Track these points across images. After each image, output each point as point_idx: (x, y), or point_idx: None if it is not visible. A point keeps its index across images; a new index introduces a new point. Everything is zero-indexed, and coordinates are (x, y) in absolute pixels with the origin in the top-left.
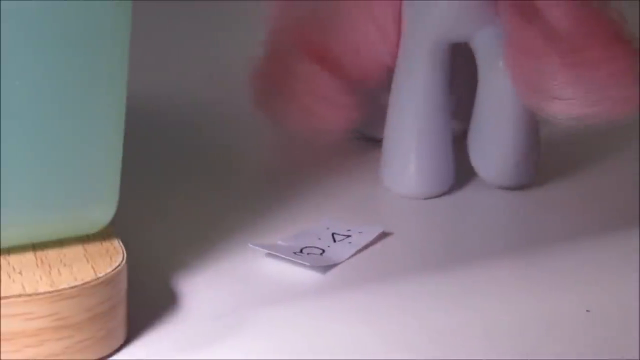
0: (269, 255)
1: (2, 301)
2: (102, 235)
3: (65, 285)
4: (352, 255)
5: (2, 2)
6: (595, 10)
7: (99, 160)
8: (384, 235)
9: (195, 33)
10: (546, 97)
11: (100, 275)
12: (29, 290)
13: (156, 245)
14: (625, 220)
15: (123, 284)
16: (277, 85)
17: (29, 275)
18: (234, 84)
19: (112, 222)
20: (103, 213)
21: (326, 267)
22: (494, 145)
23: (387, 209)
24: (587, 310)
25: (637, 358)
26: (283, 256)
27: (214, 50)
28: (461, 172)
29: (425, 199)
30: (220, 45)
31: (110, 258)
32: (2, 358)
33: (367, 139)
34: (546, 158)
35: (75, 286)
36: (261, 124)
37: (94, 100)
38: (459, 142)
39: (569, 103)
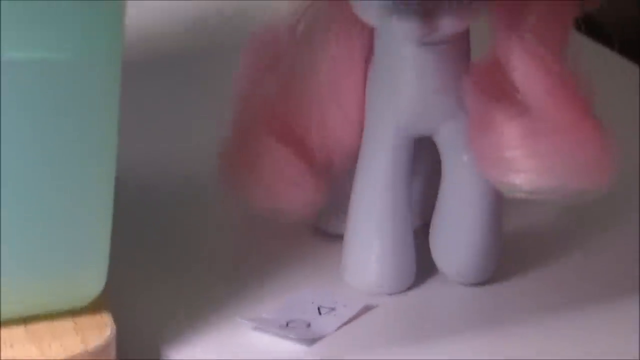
0: (256, 328)
1: None
2: (92, 307)
3: (55, 358)
4: (338, 328)
5: None
6: (564, 81)
7: (88, 235)
8: (368, 308)
9: (177, 105)
10: (510, 169)
11: (90, 347)
12: None
13: (146, 317)
14: (588, 312)
15: (112, 356)
16: (243, 163)
17: (20, 348)
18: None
19: (102, 294)
20: (92, 287)
21: (312, 340)
22: (457, 242)
23: None
24: None
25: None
26: (270, 330)
27: (193, 127)
28: (422, 266)
29: (389, 294)
30: (197, 121)
31: (99, 330)
32: None
33: (330, 235)
34: (507, 251)
35: (65, 359)
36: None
37: (84, 177)
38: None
39: (534, 174)
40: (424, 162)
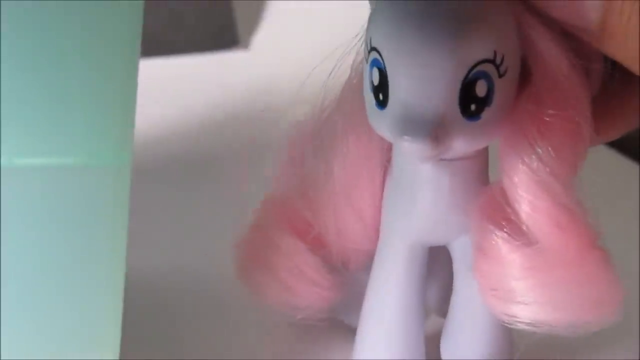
0: None
1: None
2: None
3: None
4: None
5: None
6: (572, 213)
7: (96, 342)
8: None
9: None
10: (512, 301)
11: None
12: None
13: None
14: None
15: None
16: (258, 257)
17: None
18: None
19: None
20: None
21: None
22: (468, 350)
23: None
24: None
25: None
26: None
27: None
28: None
29: None
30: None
31: None
32: None
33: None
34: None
35: None
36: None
37: (92, 284)
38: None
39: (536, 307)
40: (442, 256)
